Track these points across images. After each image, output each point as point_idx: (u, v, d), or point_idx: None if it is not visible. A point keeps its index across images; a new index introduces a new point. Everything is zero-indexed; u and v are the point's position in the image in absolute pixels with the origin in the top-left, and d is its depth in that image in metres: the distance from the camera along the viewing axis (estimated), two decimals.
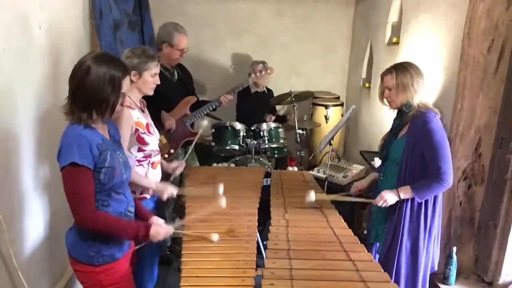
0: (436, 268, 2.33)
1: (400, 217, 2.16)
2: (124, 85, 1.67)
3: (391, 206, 2.16)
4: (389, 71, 2.19)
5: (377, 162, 3.15)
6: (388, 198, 2.13)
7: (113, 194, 1.73)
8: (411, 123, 2.15)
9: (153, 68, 2.16)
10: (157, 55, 2.23)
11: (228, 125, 3.70)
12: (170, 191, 2.22)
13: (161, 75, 2.29)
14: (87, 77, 1.59)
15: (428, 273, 2.27)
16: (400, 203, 2.15)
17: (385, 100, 2.26)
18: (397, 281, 2.20)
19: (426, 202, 2.15)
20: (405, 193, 2.12)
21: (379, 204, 2.15)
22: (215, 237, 1.91)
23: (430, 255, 2.24)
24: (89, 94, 1.60)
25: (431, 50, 2.86)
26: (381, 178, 2.32)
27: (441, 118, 2.14)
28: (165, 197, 2.22)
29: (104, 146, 1.66)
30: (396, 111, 2.31)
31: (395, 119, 2.34)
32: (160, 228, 1.79)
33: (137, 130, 2.15)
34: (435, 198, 2.17)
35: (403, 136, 2.19)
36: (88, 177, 1.62)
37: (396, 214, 2.17)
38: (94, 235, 1.70)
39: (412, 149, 2.12)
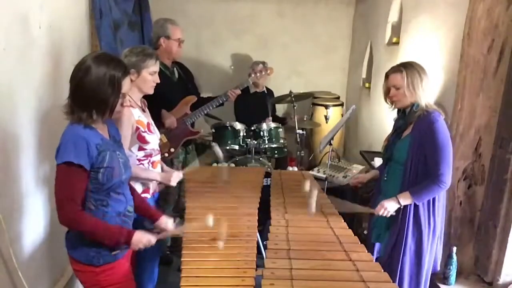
0: (438, 268, 2.32)
1: (404, 218, 2.15)
2: (124, 85, 1.67)
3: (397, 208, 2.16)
4: (397, 69, 2.14)
5: (377, 162, 3.15)
6: (389, 206, 2.13)
7: (112, 194, 1.72)
8: (416, 123, 2.13)
9: (151, 66, 2.16)
10: (156, 53, 2.23)
11: (228, 125, 3.70)
12: (177, 176, 2.24)
13: (161, 73, 2.29)
14: (87, 77, 1.59)
15: (430, 273, 2.27)
16: (405, 204, 2.14)
17: (388, 99, 2.23)
18: (400, 281, 2.20)
19: (429, 202, 2.15)
20: (405, 199, 2.11)
21: (380, 213, 2.15)
22: (210, 220, 1.86)
23: (433, 255, 2.24)
24: (88, 94, 1.60)
25: (431, 50, 2.86)
26: (385, 179, 2.31)
27: (444, 119, 2.13)
28: (173, 183, 2.23)
29: (103, 146, 1.66)
30: (396, 110, 2.30)
31: (397, 119, 2.33)
32: (143, 237, 1.74)
33: (137, 128, 2.15)
34: (438, 197, 2.16)
35: (407, 136, 2.18)
36: (81, 177, 1.62)
37: (400, 215, 2.16)
38: None
39: (416, 149, 2.11)
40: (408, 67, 2.13)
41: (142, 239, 1.74)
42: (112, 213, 1.72)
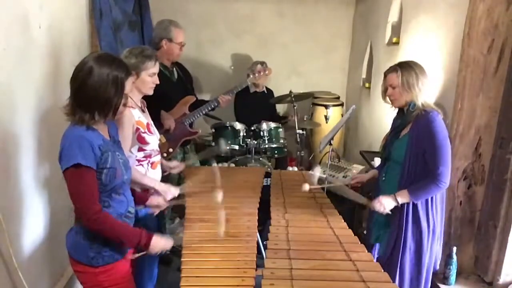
0: (438, 268, 2.32)
1: (403, 218, 2.15)
2: (127, 86, 1.67)
3: (394, 206, 2.16)
4: (394, 69, 2.16)
5: (377, 162, 3.15)
6: (386, 203, 2.12)
7: (113, 195, 1.72)
8: (414, 122, 2.13)
9: (150, 68, 2.16)
10: (155, 55, 2.23)
11: (228, 125, 3.71)
12: (173, 191, 2.21)
13: (160, 74, 2.29)
14: (90, 78, 1.58)
15: (431, 272, 2.27)
16: (403, 203, 2.15)
17: (387, 98, 2.24)
18: (401, 281, 2.19)
19: (428, 201, 2.15)
20: (403, 197, 2.11)
21: (376, 209, 2.15)
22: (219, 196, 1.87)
23: (434, 254, 2.24)
24: (91, 95, 1.60)
25: (431, 50, 2.86)
26: (383, 178, 2.31)
27: (443, 119, 2.13)
28: (168, 197, 2.21)
29: (105, 147, 1.66)
30: (396, 110, 2.30)
31: (395, 119, 2.33)
32: (160, 241, 1.78)
33: (137, 129, 2.15)
34: (437, 197, 2.16)
35: (405, 135, 2.18)
36: (92, 177, 1.62)
37: (399, 215, 2.16)
38: (95, 236, 1.69)
39: (414, 149, 2.11)
40: (404, 67, 2.14)
41: (160, 243, 1.77)
42: (114, 214, 1.72)
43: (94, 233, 1.68)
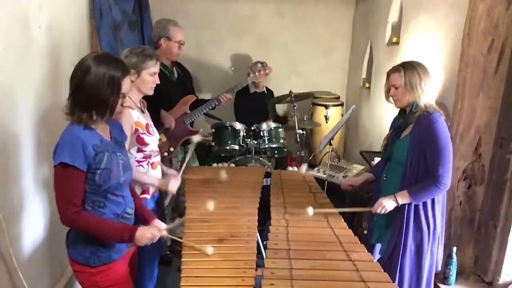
0: (439, 269, 2.32)
1: (404, 218, 2.15)
2: (124, 85, 1.67)
3: (395, 207, 2.16)
4: (396, 69, 2.15)
5: (376, 162, 3.14)
6: (387, 204, 2.12)
7: (109, 196, 1.72)
8: (416, 123, 2.12)
9: (151, 67, 2.16)
10: (156, 54, 2.23)
11: (228, 125, 3.70)
12: (175, 183, 2.22)
13: (160, 73, 2.29)
14: (87, 77, 1.59)
15: (433, 274, 2.27)
16: (404, 204, 2.14)
17: (390, 98, 2.24)
18: (400, 282, 2.19)
19: (430, 202, 2.14)
20: (403, 198, 2.11)
21: (378, 211, 2.15)
22: (210, 250, 1.81)
23: (434, 255, 2.24)
24: (88, 94, 1.60)
25: (431, 50, 2.86)
26: (384, 178, 2.30)
27: (445, 120, 2.13)
28: (173, 189, 2.22)
29: (101, 147, 1.66)
30: (397, 109, 2.30)
31: (396, 118, 2.33)
32: (147, 232, 1.74)
33: (136, 130, 2.15)
34: (438, 198, 2.16)
35: (406, 136, 2.17)
36: (77, 178, 1.61)
37: (400, 215, 2.16)
38: (91, 236, 1.69)
39: (417, 150, 2.10)
40: (407, 67, 2.13)
41: (146, 234, 1.74)
42: (110, 214, 1.72)
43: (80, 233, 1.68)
